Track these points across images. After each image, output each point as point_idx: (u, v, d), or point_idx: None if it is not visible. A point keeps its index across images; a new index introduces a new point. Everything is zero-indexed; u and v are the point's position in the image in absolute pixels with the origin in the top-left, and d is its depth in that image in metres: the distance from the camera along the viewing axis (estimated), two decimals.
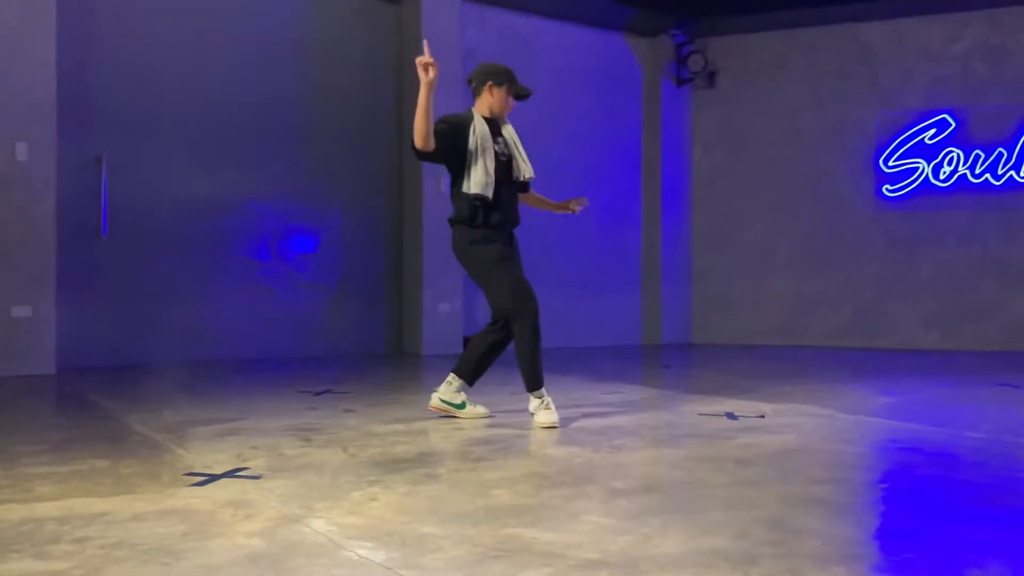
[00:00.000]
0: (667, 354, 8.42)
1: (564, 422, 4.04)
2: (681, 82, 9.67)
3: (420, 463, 3.15)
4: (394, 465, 3.11)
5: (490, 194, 3.98)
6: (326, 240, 8.03)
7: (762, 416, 4.27)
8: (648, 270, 9.72)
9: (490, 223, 4.04)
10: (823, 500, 2.60)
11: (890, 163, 9.00)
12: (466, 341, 8.31)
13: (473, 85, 4.17)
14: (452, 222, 4.14)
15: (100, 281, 6.99)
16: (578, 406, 4.61)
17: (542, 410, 3.98)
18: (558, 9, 9.00)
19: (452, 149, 4.00)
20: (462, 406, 4.17)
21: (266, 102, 7.75)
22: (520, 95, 4.21)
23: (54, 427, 4.07)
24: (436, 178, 8.08)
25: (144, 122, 7.18)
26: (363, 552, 2.08)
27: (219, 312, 7.51)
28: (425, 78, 3.81)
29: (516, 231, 4.28)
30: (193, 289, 7.40)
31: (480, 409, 4.23)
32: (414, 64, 3.90)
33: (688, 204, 9.80)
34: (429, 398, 4.23)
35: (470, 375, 4.20)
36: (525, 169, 4.18)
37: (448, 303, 8.10)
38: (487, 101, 4.14)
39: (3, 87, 6.29)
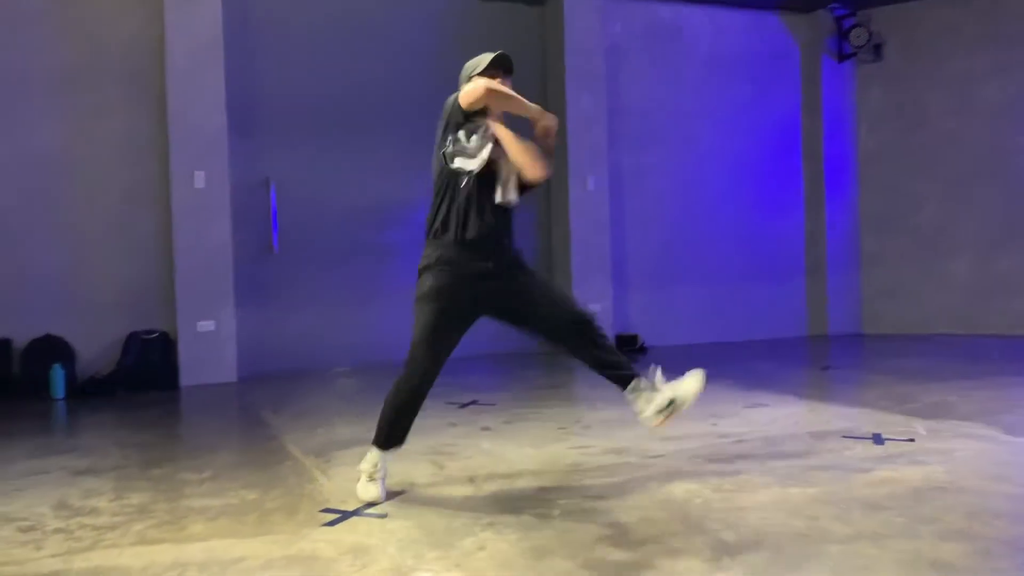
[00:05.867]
0: (832, 349, 8.04)
1: (697, 442, 3.99)
2: (843, 57, 9.11)
3: (537, 502, 3.22)
4: (512, 503, 3.20)
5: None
6: None
7: (912, 440, 4.03)
8: (812, 258, 9.29)
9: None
10: (950, 565, 2.44)
11: None
12: (618, 339, 8.33)
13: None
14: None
15: (275, 293, 7.55)
16: (715, 425, 4.54)
17: (365, 479, 3.30)
18: None
19: None
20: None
21: (418, 112, 8.01)
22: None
23: (221, 448, 4.47)
24: (583, 178, 8.09)
25: (306, 141, 7.65)
26: None
27: (386, 317, 7.90)
28: (531, 114, 3.37)
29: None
30: (361, 296, 7.84)
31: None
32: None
33: (854, 187, 9.26)
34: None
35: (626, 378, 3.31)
36: None
37: (598, 304, 8.11)
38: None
39: (182, 124, 6.89)
